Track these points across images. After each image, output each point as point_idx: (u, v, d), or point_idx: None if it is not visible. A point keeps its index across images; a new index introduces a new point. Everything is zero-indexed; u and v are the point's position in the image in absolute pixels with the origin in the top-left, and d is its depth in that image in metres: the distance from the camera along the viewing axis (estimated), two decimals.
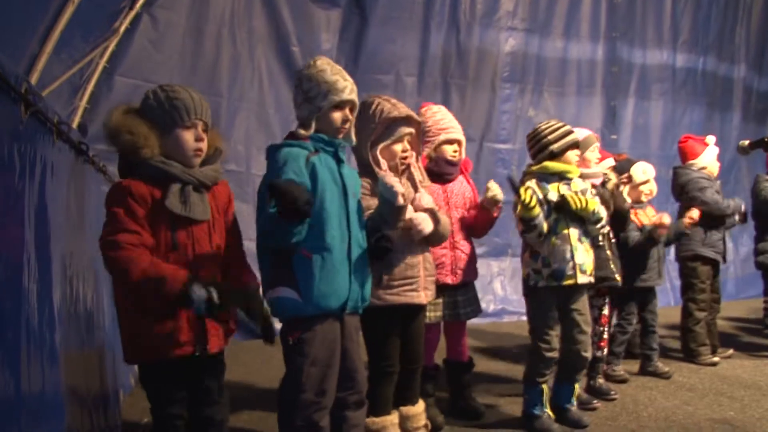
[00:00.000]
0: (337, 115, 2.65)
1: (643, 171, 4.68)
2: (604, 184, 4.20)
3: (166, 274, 2.20)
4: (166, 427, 2.39)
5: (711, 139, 5.21)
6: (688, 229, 4.90)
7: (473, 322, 4.04)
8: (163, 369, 2.34)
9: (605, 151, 5.32)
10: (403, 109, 3.12)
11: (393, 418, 3.21)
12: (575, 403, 3.80)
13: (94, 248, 2.53)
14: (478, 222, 3.79)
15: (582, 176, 3.72)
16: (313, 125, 2.64)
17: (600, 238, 4.15)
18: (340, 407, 2.73)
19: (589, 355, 3.70)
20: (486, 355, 5.55)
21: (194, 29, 5.96)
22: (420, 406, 3.35)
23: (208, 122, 2.43)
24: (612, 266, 4.21)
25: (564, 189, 3.56)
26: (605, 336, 4.37)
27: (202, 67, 6.05)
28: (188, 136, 2.36)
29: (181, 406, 2.39)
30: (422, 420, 3.34)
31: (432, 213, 3.14)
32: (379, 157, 3.09)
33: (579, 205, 3.48)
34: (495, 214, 3.76)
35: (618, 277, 4.24)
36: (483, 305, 4.58)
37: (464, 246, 3.77)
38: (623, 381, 4.61)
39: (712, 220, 5.08)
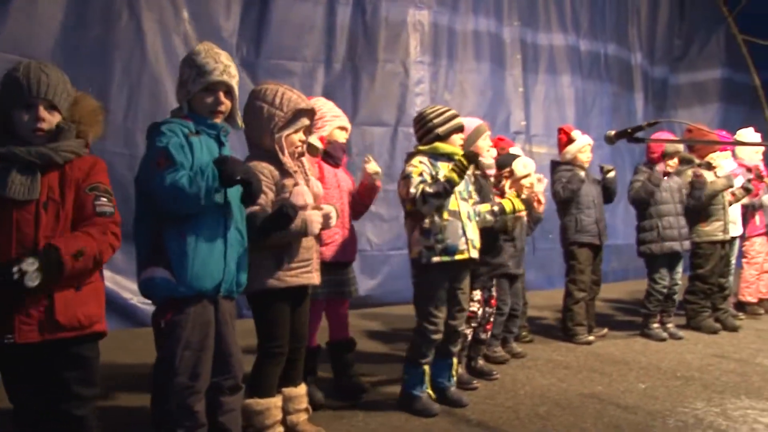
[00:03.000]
0: (208, 98, 2.70)
1: (524, 165, 4.86)
2: None
3: None
4: (13, 419, 2.36)
5: (577, 133, 5.52)
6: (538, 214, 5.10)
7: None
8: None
9: (506, 138, 5.54)
10: (307, 101, 3.20)
11: (277, 400, 3.23)
12: (454, 382, 3.95)
13: None
14: (363, 198, 3.98)
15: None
16: (186, 108, 2.70)
17: (509, 227, 4.35)
18: (215, 392, 2.76)
19: (463, 330, 3.87)
20: (380, 336, 5.70)
21: (80, 3, 5.69)
22: (302, 388, 3.39)
23: (54, 100, 2.36)
24: (505, 254, 4.41)
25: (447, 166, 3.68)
26: (491, 318, 4.54)
27: (85, 46, 5.73)
28: (24, 116, 2.33)
29: (26, 397, 2.34)
30: (304, 402, 3.38)
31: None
32: (283, 144, 3.13)
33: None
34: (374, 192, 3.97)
35: (511, 264, 4.45)
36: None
37: (350, 227, 3.96)
38: (503, 362, 4.82)
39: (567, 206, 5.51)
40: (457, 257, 3.66)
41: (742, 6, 11.20)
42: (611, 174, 5.61)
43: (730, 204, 6.03)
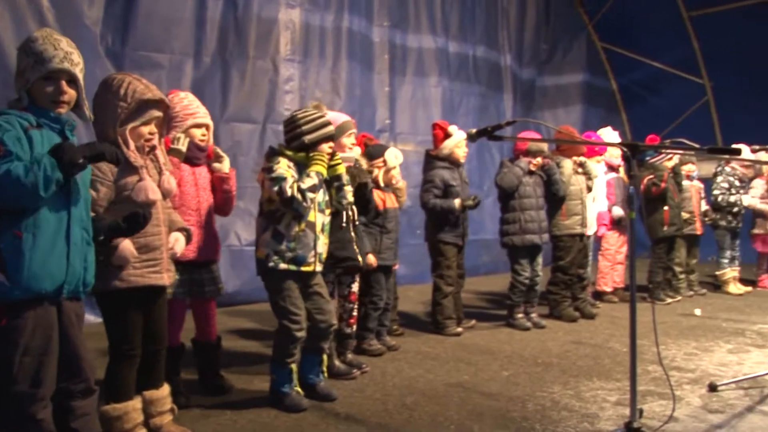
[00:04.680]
0: (48, 88, 2.53)
1: (395, 156, 4.96)
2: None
3: None
4: None
5: (453, 128, 5.65)
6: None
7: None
8: None
9: (370, 135, 5.61)
10: (156, 92, 3.06)
11: (135, 403, 3.13)
12: (323, 378, 3.97)
13: None
14: (219, 199, 3.93)
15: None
16: (26, 99, 2.51)
17: (343, 220, 4.36)
18: (65, 397, 2.62)
19: (334, 323, 3.89)
20: (249, 333, 5.63)
21: None
22: (165, 389, 3.29)
23: None
24: (355, 247, 4.43)
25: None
26: (354, 313, 4.57)
27: None
28: None
29: None
30: (167, 404, 3.29)
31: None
32: (128, 137, 3.01)
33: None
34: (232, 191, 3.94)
35: (360, 258, 4.47)
36: None
37: (211, 226, 3.90)
38: (380, 354, 4.89)
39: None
40: (303, 269, 3.68)
41: (600, 16, 11.91)
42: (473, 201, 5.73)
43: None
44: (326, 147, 3.74)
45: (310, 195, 3.57)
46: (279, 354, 3.74)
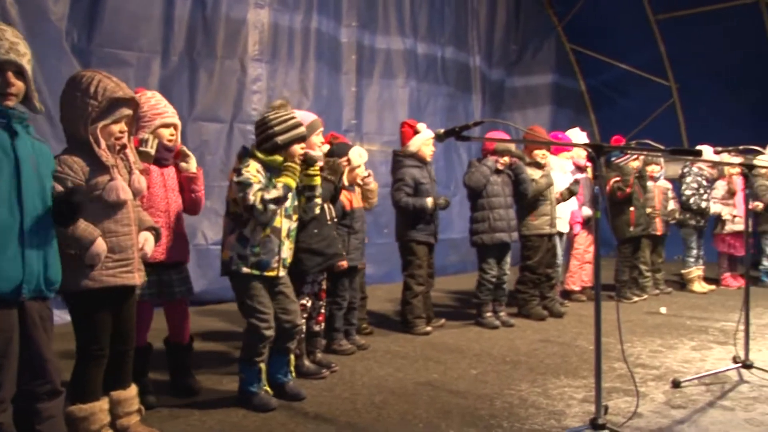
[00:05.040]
0: None
1: (359, 155, 4.97)
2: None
3: None
4: None
5: (422, 126, 5.69)
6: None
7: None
8: None
9: (338, 135, 5.61)
10: (127, 90, 3.04)
11: (102, 404, 3.09)
12: (291, 378, 3.96)
13: None
14: (188, 199, 3.91)
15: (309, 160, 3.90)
16: None
17: (327, 217, 4.37)
18: (30, 399, 2.59)
19: (301, 323, 3.90)
20: (217, 333, 5.59)
21: None
22: (132, 389, 3.27)
23: None
24: (339, 244, 4.46)
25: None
26: (323, 311, 4.57)
27: None
28: None
29: None
30: (135, 404, 3.26)
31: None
32: (99, 135, 2.98)
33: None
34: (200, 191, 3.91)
35: (354, 256, 4.52)
36: None
37: (180, 227, 3.88)
38: (351, 353, 4.91)
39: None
40: (266, 274, 3.68)
41: (569, 17, 12.05)
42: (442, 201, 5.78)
43: (558, 203, 6.46)
44: (298, 148, 3.73)
45: (272, 207, 3.55)
46: (248, 353, 3.72)
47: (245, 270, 3.62)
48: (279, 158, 3.67)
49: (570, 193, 6.50)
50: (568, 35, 12.35)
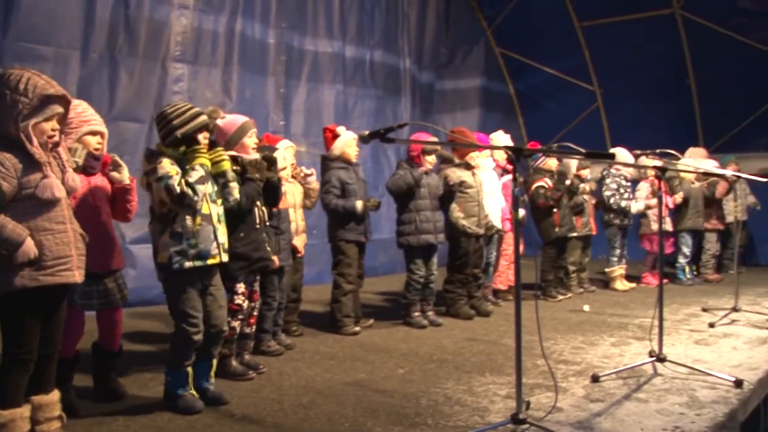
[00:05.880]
0: None
1: (283, 158, 5.00)
2: None
3: None
4: None
5: (341, 129, 5.76)
6: None
7: None
8: None
9: (275, 135, 5.59)
10: (58, 87, 3.01)
11: (24, 410, 3.02)
12: (213, 383, 3.92)
13: None
14: (120, 209, 3.85)
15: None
16: None
17: (257, 220, 4.35)
18: None
19: (226, 329, 3.87)
20: (143, 336, 5.49)
21: None
22: (55, 394, 3.19)
23: None
24: (267, 248, 4.43)
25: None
26: (255, 313, 4.55)
27: None
28: None
29: None
30: (57, 410, 3.18)
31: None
32: (31, 133, 2.92)
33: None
34: (131, 199, 3.84)
35: (275, 258, 4.50)
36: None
37: (110, 235, 3.83)
38: (279, 355, 4.89)
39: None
40: (209, 262, 3.67)
41: (498, 22, 12.29)
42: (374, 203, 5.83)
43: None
44: (201, 137, 3.71)
45: (200, 188, 3.55)
46: (176, 357, 3.69)
47: (188, 265, 3.59)
48: (186, 151, 3.66)
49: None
50: (497, 39, 12.58)
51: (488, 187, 6.62)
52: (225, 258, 3.76)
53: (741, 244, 9.02)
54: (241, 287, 4.30)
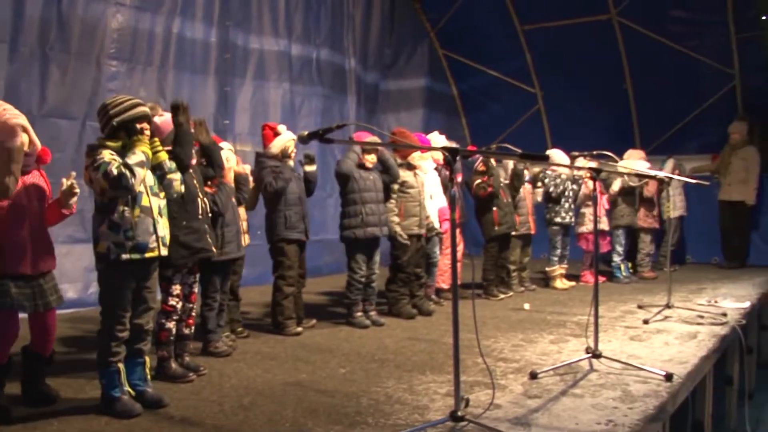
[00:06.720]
0: None
1: (226, 158, 4.97)
2: None
3: None
4: None
5: (282, 128, 5.75)
6: None
7: None
8: None
9: (217, 136, 5.53)
10: None
11: None
12: (150, 383, 3.86)
13: None
14: (52, 214, 3.77)
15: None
16: None
17: (199, 211, 4.31)
18: None
19: (151, 328, 3.84)
20: (79, 339, 5.36)
21: None
22: None
23: None
24: (209, 239, 4.39)
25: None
26: (193, 313, 4.50)
27: None
28: None
29: None
30: None
31: None
32: None
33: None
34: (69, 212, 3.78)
35: (215, 249, 4.46)
36: None
37: (44, 235, 3.75)
38: (227, 355, 4.86)
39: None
40: (147, 255, 3.63)
41: (442, 24, 12.41)
42: (311, 168, 5.86)
43: None
44: (142, 128, 3.69)
45: (139, 170, 3.51)
46: (102, 354, 3.64)
47: (125, 257, 3.54)
48: (126, 142, 3.63)
49: None
50: (441, 41, 12.71)
51: (429, 188, 6.69)
52: (164, 252, 3.72)
53: (674, 242, 9.34)
54: (176, 288, 4.26)
